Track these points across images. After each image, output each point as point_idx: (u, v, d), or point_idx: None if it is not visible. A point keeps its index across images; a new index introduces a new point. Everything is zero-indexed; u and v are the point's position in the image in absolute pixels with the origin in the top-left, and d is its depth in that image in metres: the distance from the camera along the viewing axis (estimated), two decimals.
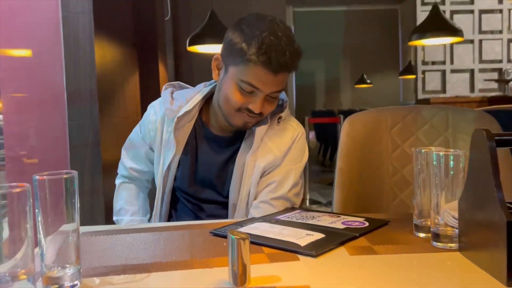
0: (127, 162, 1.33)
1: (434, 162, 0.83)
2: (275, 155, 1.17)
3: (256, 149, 1.16)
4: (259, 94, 1.09)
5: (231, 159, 1.20)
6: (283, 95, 1.24)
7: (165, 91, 1.25)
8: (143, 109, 2.40)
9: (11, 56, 1.94)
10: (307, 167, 3.86)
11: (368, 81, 8.24)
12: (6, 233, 0.59)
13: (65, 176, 0.66)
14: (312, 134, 7.53)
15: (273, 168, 1.18)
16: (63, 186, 0.66)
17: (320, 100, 9.44)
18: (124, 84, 2.23)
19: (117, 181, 1.38)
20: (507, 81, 5.47)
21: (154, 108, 1.27)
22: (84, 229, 0.98)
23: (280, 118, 1.20)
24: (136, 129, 1.33)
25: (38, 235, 0.66)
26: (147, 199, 1.38)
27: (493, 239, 0.67)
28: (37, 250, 0.67)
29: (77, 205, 0.69)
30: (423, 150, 0.89)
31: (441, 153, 0.83)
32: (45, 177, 0.65)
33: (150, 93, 2.54)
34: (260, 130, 1.16)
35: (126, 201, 1.32)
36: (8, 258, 0.58)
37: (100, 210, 1.79)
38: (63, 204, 0.66)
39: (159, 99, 1.27)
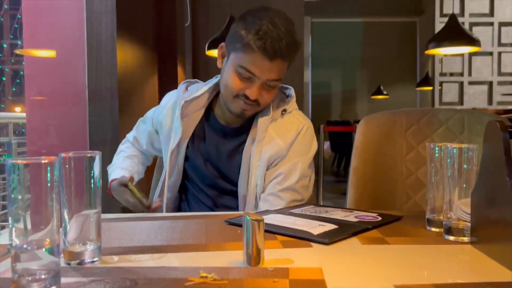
0: (136, 132, 1.44)
1: (448, 158, 0.84)
2: (280, 146, 1.19)
3: (261, 139, 1.18)
4: (256, 80, 1.12)
5: (238, 149, 1.23)
6: (290, 91, 1.27)
7: (182, 85, 1.32)
8: None
9: (36, 56, 2.01)
10: (320, 177, 3.85)
11: (385, 92, 8.20)
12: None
13: (89, 155, 0.69)
14: (326, 145, 7.51)
15: (279, 159, 1.19)
16: (86, 164, 0.69)
17: (336, 110, 9.42)
18: (143, 84, 2.28)
19: (122, 143, 1.49)
20: None
21: (169, 95, 1.36)
22: (102, 216, 1.00)
23: (284, 110, 1.22)
24: (153, 109, 1.41)
25: (62, 212, 0.69)
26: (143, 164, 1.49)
27: (506, 229, 0.68)
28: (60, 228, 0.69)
29: (100, 185, 0.72)
30: (437, 146, 0.90)
31: (455, 148, 0.84)
32: (70, 154, 0.68)
33: None
34: (263, 121, 1.18)
35: (127, 154, 1.43)
36: (33, 230, 0.61)
37: (117, 205, 1.81)
38: (87, 182, 0.69)
39: (176, 89, 1.35)
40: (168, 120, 1.28)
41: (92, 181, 0.70)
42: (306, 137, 1.23)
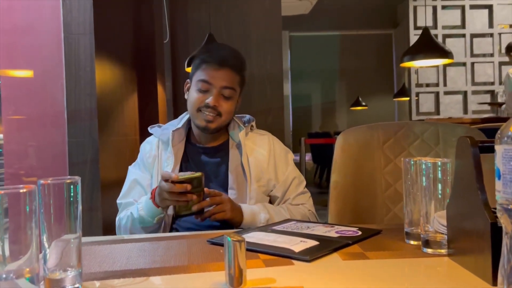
0: (131, 200, 1.36)
1: (423, 171, 0.86)
2: (261, 153, 1.39)
3: (243, 151, 1.36)
4: (212, 90, 1.32)
5: (221, 164, 1.38)
6: (248, 117, 1.47)
7: (153, 128, 1.43)
8: (142, 128, 2.44)
9: (13, 76, 1.99)
10: None
11: (364, 103, 8.33)
12: None
13: (68, 181, 0.69)
14: (308, 156, 7.56)
15: (267, 166, 1.39)
16: (66, 190, 0.69)
17: (316, 122, 9.52)
18: (123, 103, 2.27)
19: (122, 212, 1.37)
20: (500, 104, 5.56)
21: (147, 142, 1.45)
22: (83, 239, 0.99)
23: (252, 126, 1.45)
24: (133, 172, 1.40)
25: (42, 239, 0.68)
26: None
27: (479, 241, 0.70)
28: (40, 255, 0.69)
29: (80, 209, 0.71)
30: (412, 160, 0.93)
31: (429, 162, 0.86)
32: (49, 181, 0.68)
33: (148, 112, 2.58)
34: (241, 134, 1.37)
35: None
36: (12, 259, 0.60)
37: (98, 227, 1.80)
38: (66, 208, 0.69)
39: (149, 137, 1.45)
40: (158, 160, 1.37)
41: (72, 206, 0.70)
42: (278, 141, 1.46)
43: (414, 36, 6.28)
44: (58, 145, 1.87)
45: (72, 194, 0.70)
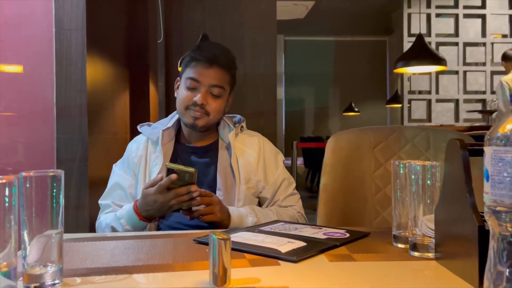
0: (109, 202, 1.34)
1: (412, 175, 0.86)
2: (250, 154, 1.38)
3: (232, 152, 1.34)
4: (201, 88, 1.31)
5: (210, 165, 1.36)
6: (238, 117, 1.45)
7: (142, 127, 1.42)
8: (132, 126, 2.42)
9: (1, 71, 1.96)
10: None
11: (356, 109, 8.36)
12: None
13: (51, 173, 0.68)
14: (300, 160, 7.56)
15: (258, 167, 1.38)
16: (49, 183, 0.67)
17: (309, 127, 9.54)
18: (114, 101, 2.25)
19: (102, 213, 1.36)
20: (491, 112, 5.60)
21: (135, 141, 1.43)
22: (66, 236, 0.98)
23: (242, 127, 1.43)
24: (116, 173, 1.38)
25: (22, 234, 0.67)
26: None
27: (467, 244, 0.69)
28: (19, 252, 0.67)
29: (62, 204, 0.70)
30: (401, 163, 0.92)
31: (419, 165, 0.86)
32: (31, 173, 0.66)
33: (140, 111, 2.56)
34: (231, 135, 1.36)
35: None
36: None
37: (85, 225, 1.78)
38: (49, 202, 0.67)
39: (137, 136, 1.43)
40: (144, 160, 1.35)
41: (54, 200, 0.69)
42: (268, 142, 1.44)
43: (408, 43, 6.32)
44: (47, 142, 1.84)
45: (55, 188, 0.68)
